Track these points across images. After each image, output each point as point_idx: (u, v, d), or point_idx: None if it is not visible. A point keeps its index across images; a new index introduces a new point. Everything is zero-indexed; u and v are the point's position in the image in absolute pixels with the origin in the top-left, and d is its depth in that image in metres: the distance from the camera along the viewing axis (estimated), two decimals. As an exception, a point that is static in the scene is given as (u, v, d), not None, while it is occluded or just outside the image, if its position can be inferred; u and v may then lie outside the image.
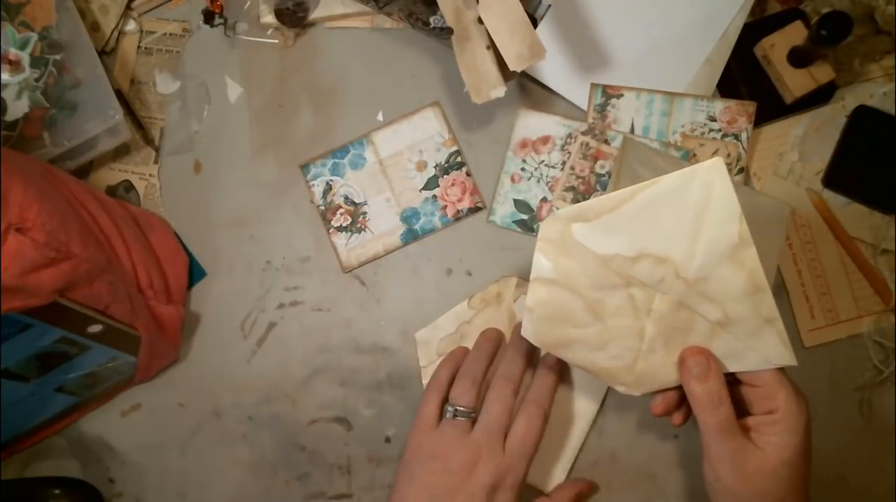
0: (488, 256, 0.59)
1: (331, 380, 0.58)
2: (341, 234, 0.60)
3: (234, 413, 0.58)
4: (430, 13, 0.55)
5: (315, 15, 0.62)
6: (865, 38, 0.58)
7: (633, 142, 0.57)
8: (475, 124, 0.61)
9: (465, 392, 0.50)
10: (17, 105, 0.55)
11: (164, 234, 0.58)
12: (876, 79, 0.59)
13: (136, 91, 0.63)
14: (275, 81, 0.62)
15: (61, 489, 0.52)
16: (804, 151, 0.59)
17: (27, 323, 0.42)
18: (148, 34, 0.64)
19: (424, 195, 0.60)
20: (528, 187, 0.59)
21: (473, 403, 0.50)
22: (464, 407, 0.50)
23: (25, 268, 0.40)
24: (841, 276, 0.57)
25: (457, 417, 0.49)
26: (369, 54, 0.62)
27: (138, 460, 0.57)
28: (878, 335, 0.56)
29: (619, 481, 0.56)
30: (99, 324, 0.47)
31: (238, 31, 0.63)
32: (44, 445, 0.57)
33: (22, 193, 0.41)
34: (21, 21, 0.56)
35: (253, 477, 0.57)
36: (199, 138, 0.62)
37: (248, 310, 0.59)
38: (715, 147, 0.58)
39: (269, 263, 0.60)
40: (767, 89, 0.58)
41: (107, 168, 0.61)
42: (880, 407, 0.56)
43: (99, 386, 0.54)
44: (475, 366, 0.52)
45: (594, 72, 0.60)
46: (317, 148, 0.61)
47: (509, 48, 0.50)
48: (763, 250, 0.44)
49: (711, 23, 0.59)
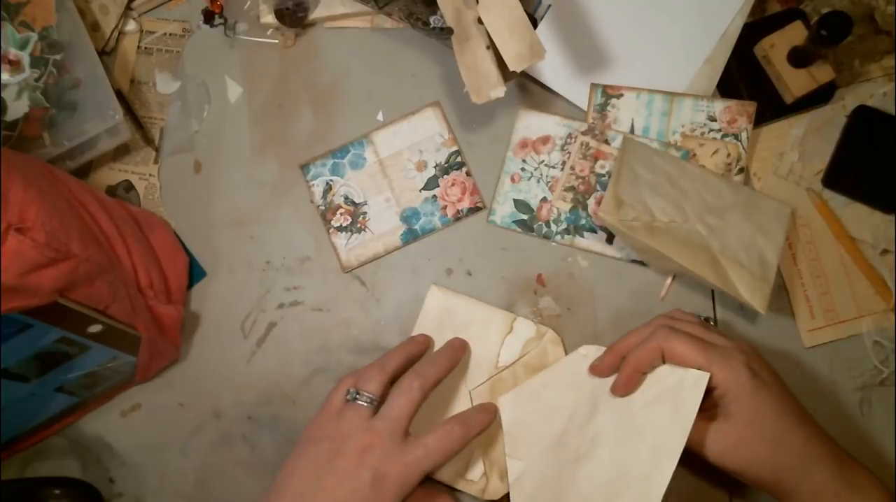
0: (488, 256, 0.59)
1: (331, 380, 0.58)
2: (341, 234, 0.60)
3: (234, 413, 0.58)
4: (430, 13, 0.55)
5: (315, 15, 0.62)
6: (865, 38, 0.58)
7: (633, 143, 0.57)
8: (475, 124, 0.61)
9: (372, 378, 0.49)
10: (17, 105, 0.55)
11: (164, 234, 0.58)
12: (876, 79, 0.59)
13: (136, 91, 0.63)
14: (275, 81, 0.62)
15: (61, 489, 0.52)
16: (804, 151, 0.59)
17: (27, 323, 0.42)
18: (148, 34, 0.64)
19: (424, 195, 0.60)
20: (529, 187, 0.59)
21: (378, 390, 0.49)
22: (367, 393, 0.48)
23: (25, 268, 0.40)
24: (841, 276, 0.57)
25: (357, 401, 0.48)
26: (369, 54, 0.62)
27: (138, 460, 0.57)
28: (878, 335, 0.56)
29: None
30: (99, 324, 0.47)
31: (238, 31, 0.63)
32: (44, 445, 0.57)
33: (22, 193, 0.41)
34: (21, 21, 0.56)
35: (253, 477, 0.57)
36: (199, 138, 0.62)
37: (248, 310, 0.59)
38: (715, 147, 0.58)
39: (269, 263, 0.60)
40: (767, 89, 0.58)
41: (107, 168, 0.61)
42: (880, 407, 0.56)
43: (99, 386, 0.54)
44: (391, 357, 0.51)
45: (594, 72, 0.60)
46: (317, 148, 0.61)
47: (509, 48, 0.50)
48: (763, 250, 0.48)
49: (711, 23, 0.59)
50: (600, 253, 0.58)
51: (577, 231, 0.58)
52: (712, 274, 0.52)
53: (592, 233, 0.58)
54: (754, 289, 0.52)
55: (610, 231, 0.57)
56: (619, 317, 0.57)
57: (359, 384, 0.49)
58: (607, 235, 0.58)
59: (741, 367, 0.45)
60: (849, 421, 0.56)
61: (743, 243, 0.54)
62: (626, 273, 0.58)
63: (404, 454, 0.46)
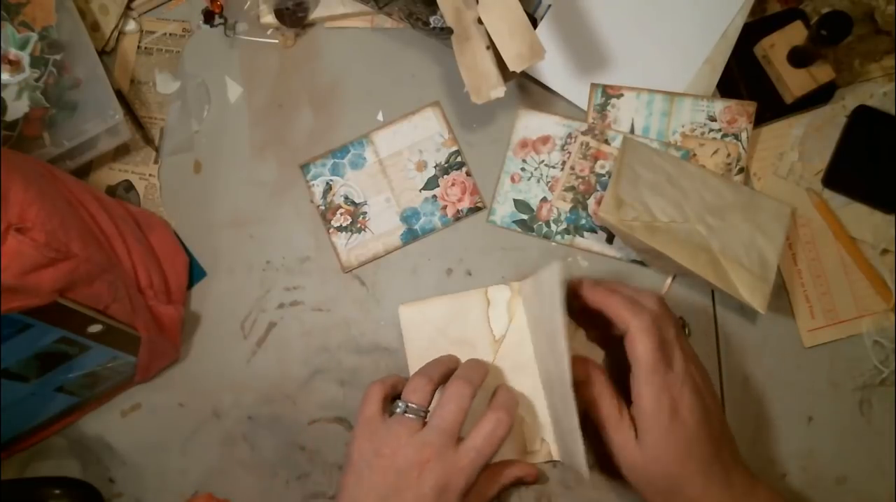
0: (488, 256, 0.59)
1: (331, 380, 0.58)
2: (341, 234, 0.60)
3: (234, 413, 0.58)
4: (430, 13, 0.55)
5: (315, 15, 0.62)
6: (865, 38, 0.58)
7: (633, 143, 0.57)
8: (475, 124, 0.61)
9: (419, 389, 0.48)
10: (17, 105, 0.55)
11: (164, 234, 0.58)
12: (876, 79, 0.59)
13: (136, 91, 0.63)
14: (275, 81, 0.62)
15: (61, 489, 0.52)
16: (804, 151, 0.59)
17: (27, 323, 0.42)
18: (148, 34, 0.64)
19: (424, 195, 0.60)
20: (528, 187, 0.59)
21: (426, 401, 0.48)
22: (415, 405, 0.47)
23: (25, 268, 0.40)
24: (841, 276, 0.57)
25: (407, 414, 0.47)
26: (369, 54, 0.62)
27: (138, 460, 0.57)
28: (878, 335, 0.56)
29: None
30: (99, 324, 0.47)
31: (238, 31, 0.63)
32: (44, 445, 0.57)
33: (22, 193, 0.41)
34: (21, 21, 0.56)
35: (253, 477, 0.57)
36: (199, 138, 0.62)
37: (248, 310, 0.59)
38: (715, 147, 0.58)
39: (269, 263, 0.60)
40: (767, 89, 0.58)
41: (107, 168, 0.61)
42: (880, 407, 0.56)
43: (99, 386, 0.54)
44: (433, 366, 0.50)
45: (594, 72, 0.60)
46: (317, 148, 0.61)
47: (509, 48, 0.51)
48: (763, 247, 0.49)
49: (711, 23, 0.59)
50: (600, 253, 0.58)
51: (577, 231, 0.58)
52: (712, 274, 0.52)
53: (592, 233, 0.58)
54: (754, 289, 0.52)
55: (610, 231, 0.57)
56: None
57: (406, 396, 0.48)
58: (607, 235, 0.58)
59: (666, 404, 0.45)
60: (849, 421, 0.56)
61: (743, 243, 0.54)
62: (626, 273, 0.58)
63: (458, 460, 0.46)
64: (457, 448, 0.46)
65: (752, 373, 0.56)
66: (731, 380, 0.56)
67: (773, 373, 0.56)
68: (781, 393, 0.56)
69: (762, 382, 0.56)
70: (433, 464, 0.45)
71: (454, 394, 0.47)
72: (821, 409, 0.56)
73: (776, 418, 0.56)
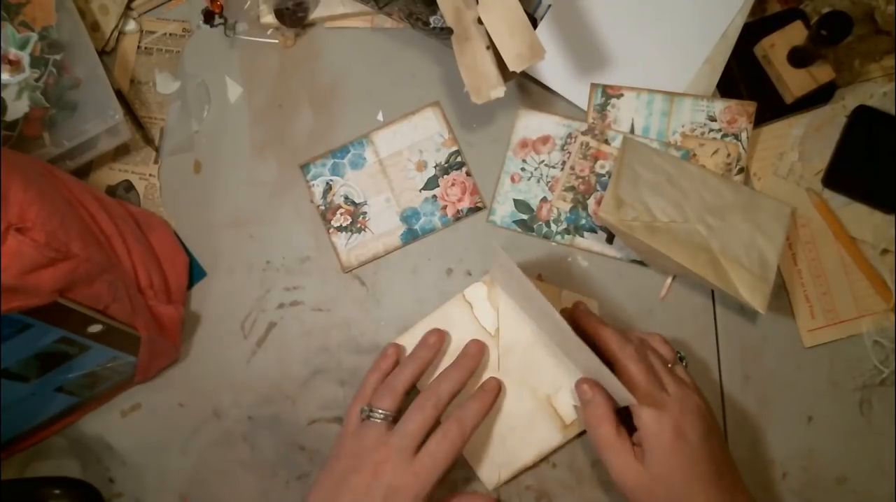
0: (488, 256, 0.59)
1: (331, 380, 0.58)
2: (341, 234, 0.60)
3: (234, 413, 0.58)
4: (430, 13, 0.55)
5: (315, 15, 0.62)
6: (865, 38, 0.58)
7: (633, 143, 0.57)
8: (475, 124, 0.61)
9: (384, 396, 0.51)
10: (17, 105, 0.55)
11: (164, 234, 0.58)
12: (876, 79, 0.59)
13: (136, 91, 0.63)
14: (275, 81, 0.62)
15: (61, 489, 0.52)
16: (804, 151, 0.59)
17: (27, 323, 0.42)
18: (148, 34, 0.64)
19: (424, 195, 0.60)
20: (528, 187, 0.59)
21: (392, 407, 0.50)
22: (381, 410, 0.50)
23: (25, 268, 0.40)
24: (841, 276, 0.57)
25: (371, 418, 0.50)
26: (369, 54, 0.62)
27: (138, 460, 0.57)
28: (878, 335, 0.56)
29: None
30: (99, 324, 0.47)
31: (238, 31, 0.63)
32: (44, 445, 0.57)
33: (22, 193, 0.41)
34: (21, 21, 0.56)
35: (253, 477, 0.57)
36: (199, 138, 0.62)
37: (248, 310, 0.59)
38: (715, 147, 0.58)
39: (269, 263, 0.60)
40: (767, 89, 0.58)
41: (107, 168, 0.61)
42: (880, 407, 0.56)
43: (99, 386, 0.54)
44: (401, 373, 0.52)
45: (594, 72, 0.60)
46: (317, 148, 0.61)
47: (509, 48, 0.51)
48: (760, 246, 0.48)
49: (711, 23, 0.59)
50: (600, 253, 0.58)
51: (577, 231, 0.58)
52: (712, 274, 0.52)
53: (592, 233, 0.58)
54: (754, 289, 0.52)
55: (610, 231, 0.57)
56: (619, 317, 0.57)
57: (373, 402, 0.51)
58: (607, 235, 0.58)
59: (667, 422, 0.46)
60: (849, 422, 0.56)
61: (743, 243, 0.54)
62: (626, 273, 0.58)
63: (413, 465, 0.48)
64: (414, 455, 0.48)
65: (752, 373, 0.56)
66: (730, 380, 0.56)
67: (773, 373, 0.56)
68: (781, 393, 0.56)
69: (762, 382, 0.56)
70: (387, 466, 0.48)
71: (420, 406, 0.50)
72: (821, 409, 0.56)
73: (776, 418, 0.56)
